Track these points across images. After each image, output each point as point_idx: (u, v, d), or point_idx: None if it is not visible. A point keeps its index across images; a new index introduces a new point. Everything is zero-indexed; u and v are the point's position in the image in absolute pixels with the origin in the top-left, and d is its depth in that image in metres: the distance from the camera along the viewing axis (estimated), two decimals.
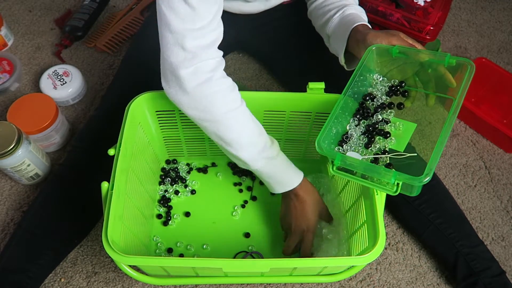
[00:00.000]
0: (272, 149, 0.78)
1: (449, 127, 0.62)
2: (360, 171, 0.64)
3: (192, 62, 0.68)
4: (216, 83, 0.70)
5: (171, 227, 0.93)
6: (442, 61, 0.67)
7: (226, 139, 0.74)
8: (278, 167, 0.80)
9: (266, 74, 1.19)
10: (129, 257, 0.65)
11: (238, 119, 0.74)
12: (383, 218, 0.70)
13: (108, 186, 0.71)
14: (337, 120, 0.70)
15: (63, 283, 0.87)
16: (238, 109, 0.74)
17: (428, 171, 0.59)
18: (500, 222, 0.99)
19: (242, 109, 0.75)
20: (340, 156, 0.64)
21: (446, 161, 1.07)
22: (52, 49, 1.22)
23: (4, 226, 0.94)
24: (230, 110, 0.73)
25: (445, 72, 0.69)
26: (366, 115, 0.72)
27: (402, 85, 0.72)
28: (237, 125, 0.74)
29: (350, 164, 0.64)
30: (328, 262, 0.71)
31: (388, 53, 0.70)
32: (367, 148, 0.68)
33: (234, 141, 0.74)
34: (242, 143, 0.75)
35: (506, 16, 1.37)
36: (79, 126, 1.08)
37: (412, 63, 0.71)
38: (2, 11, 1.29)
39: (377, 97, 0.72)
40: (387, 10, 1.03)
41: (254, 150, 0.76)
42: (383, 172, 0.61)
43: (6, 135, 0.87)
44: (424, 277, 0.91)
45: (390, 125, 0.70)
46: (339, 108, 0.69)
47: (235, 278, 0.80)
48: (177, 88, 0.71)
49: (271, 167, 0.79)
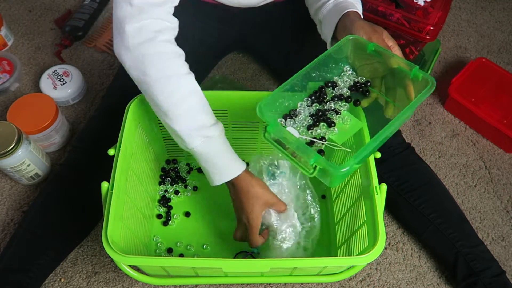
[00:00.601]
0: (212, 129, 0.71)
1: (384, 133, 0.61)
2: (291, 146, 0.63)
3: (138, 18, 0.66)
4: (160, 45, 0.67)
5: (171, 227, 0.93)
6: (408, 72, 0.66)
7: (163, 106, 0.69)
8: (216, 149, 0.72)
9: (266, 74, 1.19)
10: (129, 257, 0.65)
11: (179, 87, 0.69)
12: (383, 218, 0.70)
13: (108, 186, 0.71)
14: (292, 94, 0.69)
15: (63, 283, 0.87)
16: (181, 77, 0.69)
17: (348, 164, 0.58)
18: (500, 222, 0.99)
19: (186, 79, 0.70)
20: (277, 125, 0.63)
21: (446, 161, 1.07)
22: (52, 49, 1.22)
23: (4, 226, 0.94)
24: (171, 76, 0.68)
25: (409, 84, 0.67)
26: (321, 100, 0.70)
27: (367, 84, 0.72)
28: (177, 93, 0.68)
29: (284, 138, 0.63)
30: (328, 262, 0.71)
31: (364, 47, 0.70)
32: (308, 130, 0.67)
33: (170, 111, 0.69)
34: (179, 114, 0.69)
35: (506, 16, 1.37)
36: (79, 126, 1.08)
37: (383, 65, 0.70)
38: (2, 11, 1.29)
39: (339, 87, 0.72)
40: (387, 10, 1.03)
41: (192, 125, 0.70)
42: (308, 151, 0.60)
43: (6, 135, 0.87)
44: (424, 277, 0.91)
45: (339, 117, 0.68)
46: (299, 79, 0.68)
47: (235, 278, 0.80)
48: (121, 45, 0.68)
49: (208, 148, 0.71)
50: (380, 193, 0.72)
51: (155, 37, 0.67)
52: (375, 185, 0.73)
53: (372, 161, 0.76)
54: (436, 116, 1.15)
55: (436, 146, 1.09)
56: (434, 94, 1.18)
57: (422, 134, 1.12)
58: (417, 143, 1.10)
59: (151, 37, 0.67)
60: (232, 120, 0.90)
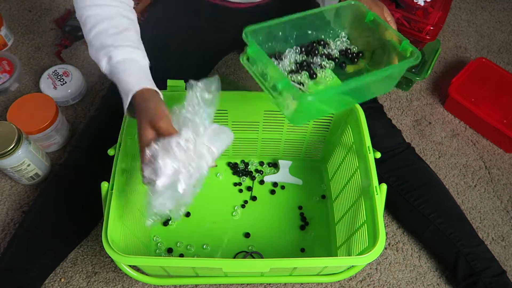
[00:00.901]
0: (118, 51, 0.69)
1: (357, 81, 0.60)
2: (270, 73, 0.62)
3: None
4: None
5: (171, 227, 0.93)
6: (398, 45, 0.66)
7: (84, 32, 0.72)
8: (122, 68, 0.69)
9: None
10: (129, 257, 0.65)
11: (97, 14, 0.71)
12: (383, 218, 0.70)
13: (108, 186, 0.71)
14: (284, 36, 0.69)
15: (63, 283, 0.87)
16: (102, 6, 0.72)
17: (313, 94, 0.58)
18: (500, 222, 0.99)
19: (108, 8, 0.72)
20: (257, 48, 0.62)
21: (446, 161, 1.07)
22: (52, 49, 1.22)
23: (4, 226, 0.94)
24: (90, 5, 0.71)
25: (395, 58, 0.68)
26: (310, 53, 0.71)
27: (358, 55, 0.72)
28: (92, 19, 0.71)
29: (265, 62, 0.62)
30: (328, 262, 0.71)
31: (363, 16, 0.70)
32: (289, 74, 0.68)
33: (86, 36, 0.72)
34: (89, 38, 0.71)
35: (506, 16, 1.37)
36: (79, 126, 1.08)
37: (376, 41, 0.71)
38: (2, 11, 1.29)
39: (331, 48, 0.73)
40: None
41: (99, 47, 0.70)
42: (279, 73, 0.60)
43: (6, 135, 0.87)
44: (424, 277, 0.91)
45: (321, 71, 0.69)
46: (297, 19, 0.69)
47: (235, 278, 0.80)
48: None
49: (113, 67, 0.69)
50: (380, 193, 0.72)
51: None
52: (375, 185, 0.73)
53: (372, 161, 0.76)
54: (436, 116, 1.15)
55: (436, 146, 1.10)
56: (434, 94, 1.18)
57: (422, 134, 1.12)
58: (417, 143, 1.10)
59: None
60: (232, 120, 0.90)
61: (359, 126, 0.80)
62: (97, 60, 0.71)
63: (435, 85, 1.20)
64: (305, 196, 0.98)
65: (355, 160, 0.82)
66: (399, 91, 1.18)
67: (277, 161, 1.01)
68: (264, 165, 1.02)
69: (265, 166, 1.02)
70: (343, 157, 0.89)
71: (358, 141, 0.81)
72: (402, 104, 1.16)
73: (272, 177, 0.99)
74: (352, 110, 0.83)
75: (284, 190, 0.99)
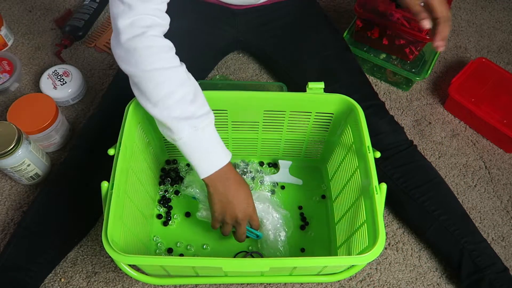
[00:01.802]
0: (200, 120, 0.72)
1: None
2: None
3: (129, 15, 0.69)
4: (149, 39, 0.70)
5: (171, 227, 0.93)
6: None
7: (153, 98, 0.71)
8: (205, 139, 0.74)
9: (266, 74, 1.19)
10: (129, 257, 0.65)
11: (169, 79, 0.71)
12: (383, 217, 0.70)
13: (108, 186, 0.71)
14: None
15: (63, 283, 0.87)
16: (171, 69, 0.71)
17: None
18: (500, 222, 0.99)
19: (177, 71, 0.72)
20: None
21: (446, 161, 1.07)
22: (52, 49, 1.22)
23: (4, 226, 0.94)
24: (161, 68, 0.70)
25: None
26: None
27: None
28: (167, 85, 0.70)
29: None
30: (328, 261, 0.71)
31: None
32: None
33: (160, 102, 0.70)
34: (168, 104, 0.70)
35: (506, 16, 1.37)
36: (79, 126, 1.08)
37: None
38: (2, 11, 1.29)
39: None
40: (387, 10, 1.03)
41: (180, 115, 0.71)
42: None
43: (6, 135, 0.87)
44: (424, 277, 0.91)
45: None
46: None
47: (235, 278, 0.80)
48: (115, 40, 0.71)
49: (196, 138, 0.72)
50: (380, 192, 0.72)
51: (145, 32, 0.69)
52: (375, 185, 0.73)
53: (372, 161, 0.75)
54: (436, 116, 1.15)
55: (436, 146, 1.10)
56: (434, 94, 1.18)
57: (422, 134, 1.12)
58: (417, 143, 1.10)
59: (141, 32, 0.69)
60: (232, 120, 0.90)
61: (358, 125, 0.80)
62: (175, 128, 0.71)
63: (435, 85, 1.20)
64: (305, 196, 0.98)
65: (355, 160, 0.82)
66: (399, 91, 1.18)
67: (277, 161, 1.01)
68: (264, 165, 1.02)
69: (265, 166, 1.02)
70: (343, 157, 0.89)
71: (358, 140, 0.81)
72: (402, 104, 1.16)
73: (272, 177, 0.99)
74: (352, 110, 0.83)
75: (284, 190, 0.99)
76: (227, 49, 1.17)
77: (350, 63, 1.02)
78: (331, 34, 1.06)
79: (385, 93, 1.18)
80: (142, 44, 0.69)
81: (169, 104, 0.70)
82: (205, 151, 0.74)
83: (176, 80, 0.71)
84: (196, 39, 1.03)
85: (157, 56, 0.70)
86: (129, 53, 0.70)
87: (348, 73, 1.00)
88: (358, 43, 1.16)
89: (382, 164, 0.90)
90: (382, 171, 0.91)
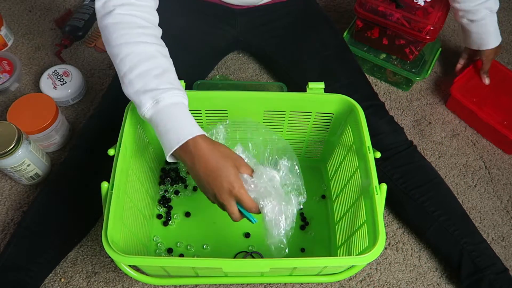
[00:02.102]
0: (166, 95, 0.67)
1: None
2: None
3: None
4: (115, 16, 0.71)
5: (171, 227, 0.93)
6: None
7: (120, 71, 0.70)
8: (169, 113, 0.68)
9: (266, 74, 1.19)
10: (129, 257, 0.65)
11: (133, 53, 0.69)
12: (383, 217, 0.70)
13: (108, 186, 0.71)
14: None
15: (63, 283, 0.87)
16: (135, 44, 0.70)
17: None
18: (500, 222, 0.99)
19: (141, 46, 0.70)
20: None
21: (446, 161, 1.07)
22: (52, 49, 1.22)
23: (4, 226, 0.94)
24: (124, 43, 0.70)
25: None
26: None
27: None
28: (129, 59, 0.69)
29: None
30: (328, 262, 0.71)
31: None
32: None
33: (125, 76, 0.70)
34: (131, 78, 0.69)
35: (506, 16, 1.37)
36: (79, 126, 1.08)
37: None
38: (2, 11, 1.29)
39: None
40: (387, 10, 1.03)
41: (142, 89, 0.68)
42: None
43: (6, 135, 0.87)
44: (424, 277, 0.91)
45: None
46: None
47: (235, 278, 0.80)
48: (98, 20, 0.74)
49: (160, 111, 0.67)
50: (380, 192, 0.72)
51: (113, 10, 0.72)
52: (375, 185, 0.73)
53: (372, 161, 0.75)
54: (436, 116, 1.15)
55: (436, 146, 1.09)
56: (434, 94, 1.18)
57: (422, 134, 1.12)
58: (417, 143, 1.10)
59: (110, 10, 0.72)
60: (232, 120, 0.90)
61: (358, 125, 0.80)
62: (137, 101, 0.69)
63: (435, 85, 1.20)
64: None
65: (355, 160, 0.82)
66: (399, 91, 1.18)
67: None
68: None
69: None
70: (343, 157, 0.89)
71: (358, 140, 0.81)
72: (402, 104, 1.16)
73: None
74: (352, 110, 0.83)
75: None
76: (227, 49, 1.17)
77: (350, 63, 1.02)
78: (331, 34, 1.06)
79: (385, 93, 1.18)
80: (109, 20, 0.71)
81: (131, 78, 0.69)
82: (170, 125, 0.67)
83: (140, 54, 0.70)
84: (196, 39, 1.03)
85: (122, 31, 0.71)
86: (102, 31, 0.73)
87: (348, 73, 1.00)
88: (358, 43, 1.16)
89: (382, 164, 0.90)
90: (382, 171, 0.91)
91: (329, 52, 1.02)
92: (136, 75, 0.69)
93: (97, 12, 0.73)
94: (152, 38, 0.73)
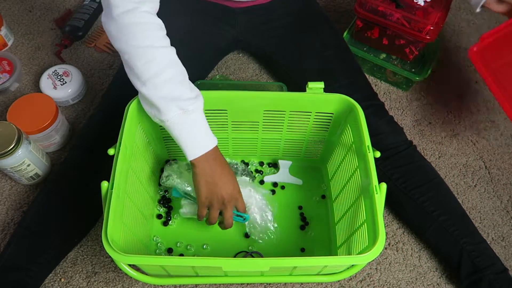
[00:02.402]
0: (189, 103, 0.72)
1: None
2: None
3: None
4: (141, 15, 0.70)
5: (171, 227, 0.93)
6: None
7: (143, 76, 0.70)
8: (191, 122, 0.74)
9: (266, 74, 1.19)
10: (128, 256, 0.65)
11: (160, 58, 0.71)
12: (383, 217, 0.70)
13: (108, 185, 0.71)
14: None
15: (63, 283, 0.87)
16: (160, 48, 0.71)
17: None
18: (500, 222, 0.99)
19: (166, 50, 0.72)
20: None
21: (446, 161, 1.07)
22: (52, 49, 1.22)
23: (4, 226, 0.94)
24: (150, 46, 0.70)
25: None
26: None
27: None
28: (156, 63, 0.70)
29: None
30: (328, 261, 0.71)
31: None
32: None
33: (149, 80, 0.70)
34: (156, 83, 0.70)
35: (506, 16, 1.37)
36: (79, 126, 1.09)
37: None
38: (2, 11, 1.29)
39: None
40: (387, 10, 1.03)
41: (168, 95, 0.71)
42: None
43: (6, 135, 0.87)
44: (424, 277, 0.91)
45: None
46: None
47: (235, 277, 0.80)
48: (107, 16, 0.71)
49: (183, 120, 0.73)
50: (380, 192, 0.72)
51: (136, 7, 0.69)
52: (375, 185, 0.73)
53: (372, 161, 0.75)
54: (436, 116, 1.15)
55: (436, 146, 1.10)
56: (434, 94, 1.18)
57: (422, 134, 1.12)
58: (417, 143, 1.10)
59: (133, 7, 0.69)
60: (232, 120, 0.90)
61: (358, 125, 0.80)
62: (161, 106, 0.71)
63: (435, 85, 1.20)
64: (305, 196, 0.98)
65: (355, 160, 0.82)
66: (399, 91, 1.18)
67: (277, 161, 1.01)
68: (264, 165, 1.02)
69: (265, 166, 1.02)
70: (343, 157, 0.89)
71: (358, 140, 0.81)
72: (402, 104, 1.16)
73: (272, 177, 0.99)
74: (352, 110, 0.83)
75: (284, 190, 0.99)
76: (227, 49, 1.17)
77: (350, 63, 1.02)
78: (331, 34, 1.06)
79: (385, 93, 1.18)
80: (133, 19, 0.69)
81: (157, 83, 0.70)
82: (193, 134, 0.74)
83: (165, 59, 0.71)
84: (196, 39, 1.03)
85: (148, 33, 0.70)
86: (120, 28, 0.70)
87: (348, 73, 1.00)
88: (358, 43, 1.16)
89: (382, 164, 0.90)
90: (382, 171, 0.91)
91: (329, 52, 1.02)
92: (162, 81, 0.70)
93: (113, 6, 0.68)
94: (168, 40, 0.73)
